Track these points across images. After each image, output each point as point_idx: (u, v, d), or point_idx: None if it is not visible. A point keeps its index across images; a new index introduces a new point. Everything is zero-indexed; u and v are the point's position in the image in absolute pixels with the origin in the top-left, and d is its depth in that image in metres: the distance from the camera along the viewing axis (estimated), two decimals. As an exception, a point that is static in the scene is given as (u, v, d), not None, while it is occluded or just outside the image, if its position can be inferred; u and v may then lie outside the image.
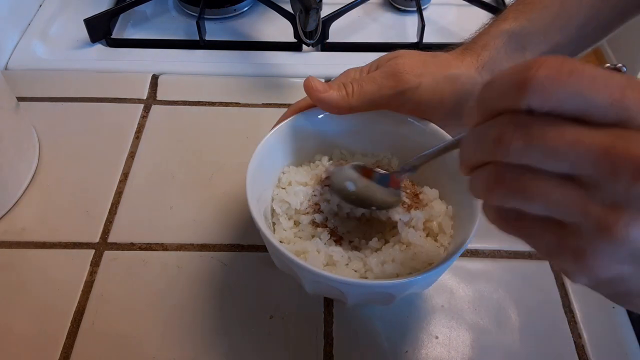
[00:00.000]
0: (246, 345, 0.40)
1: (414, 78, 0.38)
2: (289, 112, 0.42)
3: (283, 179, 0.41)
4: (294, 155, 0.42)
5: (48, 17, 0.67)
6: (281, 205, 0.40)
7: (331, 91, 0.39)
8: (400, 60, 0.39)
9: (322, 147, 0.43)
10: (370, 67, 0.41)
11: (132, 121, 0.55)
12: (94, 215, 0.47)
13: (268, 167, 0.40)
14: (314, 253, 0.36)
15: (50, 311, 0.42)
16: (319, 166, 0.42)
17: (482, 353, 0.40)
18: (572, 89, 0.20)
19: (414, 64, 0.39)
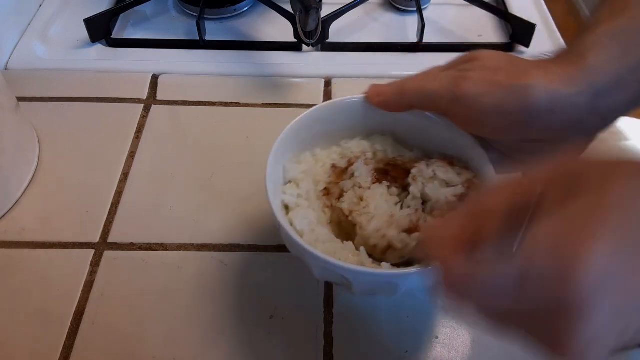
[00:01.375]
0: (246, 345, 0.40)
1: (474, 86, 0.35)
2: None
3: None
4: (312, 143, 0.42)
5: (48, 17, 0.67)
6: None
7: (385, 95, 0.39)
8: (471, 66, 0.36)
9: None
10: (448, 64, 0.38)
11: (132, 121, 0.55)
12: (94, 215, 0.47)
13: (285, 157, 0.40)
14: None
15: (50, 311, 0.42)
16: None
17: (482, 353, 0.40)
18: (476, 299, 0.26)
19: (484, 71, 0.35)
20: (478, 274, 0.24)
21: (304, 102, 0.58)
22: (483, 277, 0.24)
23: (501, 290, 0.24)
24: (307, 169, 0.41)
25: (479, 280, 0.24)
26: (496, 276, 0.24)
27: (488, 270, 0.24)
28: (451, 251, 0.26)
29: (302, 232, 0.37)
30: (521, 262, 0.23)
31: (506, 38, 0.66)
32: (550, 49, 0.64)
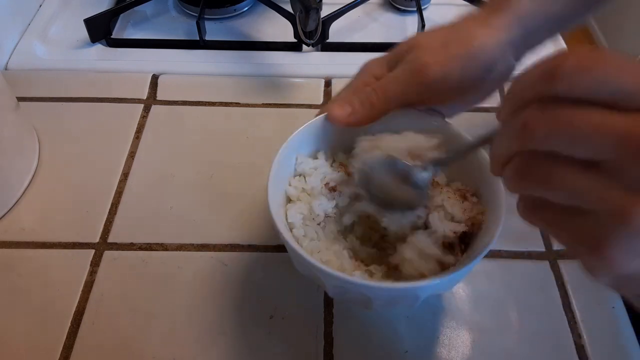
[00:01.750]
0: (246, 345, 0.40)
1: (438, 70, 0.36)
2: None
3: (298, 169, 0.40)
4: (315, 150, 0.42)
5: (48, 17, 0.67)
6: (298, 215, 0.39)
7: (355, 114, 0.38)
8: (420, 52, 0.37)
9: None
10: (390, 59, 0.39)
11: (132, 121, 0.55)
12: (94, 215, 0.47)
13: (286, 169, 0.40)
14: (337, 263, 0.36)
15: (50, 311, 0.42)
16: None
17: (482, 353, 0.40)
18: (599, 76, 0.21)
19: (435, 51, 0.36)
20: (608, 53, 0.21)
21: (304, 102, 0.58)
22: (614, 56, 0.21)
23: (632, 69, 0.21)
24: (319, 165, 0.40)
25: (611, 57, 0.21)
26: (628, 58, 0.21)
27: (620, 55, 0.21)
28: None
29: (293, 224, 0.37)
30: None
31: (506, 38, 0.66)
32: (550, 49, 0.64)
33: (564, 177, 0.22)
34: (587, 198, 0.22)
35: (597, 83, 0.21)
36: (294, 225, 0.37)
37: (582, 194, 0.22)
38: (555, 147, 0.22)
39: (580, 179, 0.21)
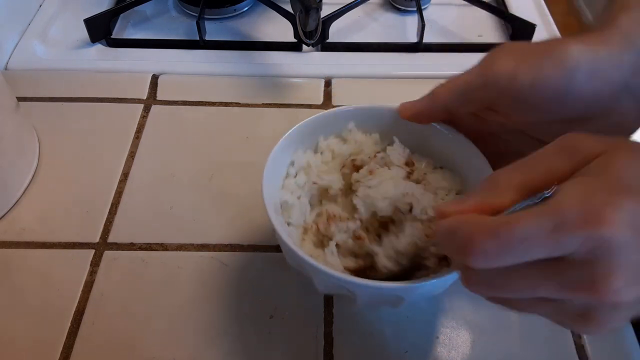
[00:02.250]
0: (246, 345, 0.40)
1: (505, 64, 0.32)
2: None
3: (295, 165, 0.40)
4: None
5: (48, 17, 0.67)
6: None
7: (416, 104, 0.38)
8: (495, 51, 0.33)
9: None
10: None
11: (132, 121, 0.55)
12: (94, 215, 0.47)
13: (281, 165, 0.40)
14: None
15: (50, 311, 0.42)
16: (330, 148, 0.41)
17: (482, 353, 0.40)
18: (510, 255, 0.24)
19: (510, 51, 0.33)
20: (513, 224, 0.24)
21: (304, 102, 0.58)
22: (518, 227, 0.24)
23: (537, 240, 0.23)
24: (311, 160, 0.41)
25: (515, 230, 0.24)
26: (532, 224, 0.23)
27: (523, 220, 0.24)
28: (476, 217, 0.26)
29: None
30: (554, 211, 0.23)
31: (506, 38, 0.66)
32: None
33: (523, 283, 0.25)
34: (554, 295, 0.25)
35: (512, 258, 0.24)
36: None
37: (548, 291, 0.25)
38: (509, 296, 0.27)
39: (539, 279, 0.25)
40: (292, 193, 0.39)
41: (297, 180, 0.40)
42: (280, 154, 0.39)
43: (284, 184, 0.40)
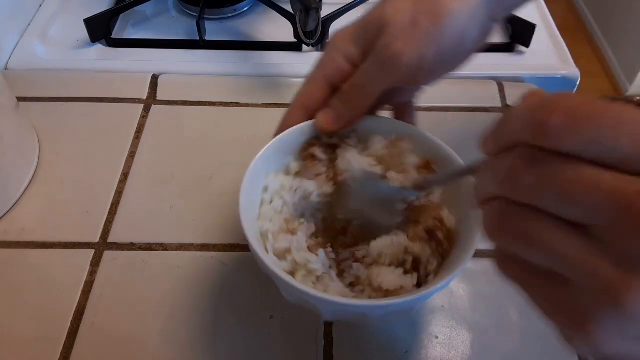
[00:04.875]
0: (246, 345, 0.40)
1: (411, 56, 0.34)
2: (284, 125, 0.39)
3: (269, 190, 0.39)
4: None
5: (48, 17, 0.67)
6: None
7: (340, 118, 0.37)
8: (389, 37, 0.34)
9: None
10: (358, 35, 0.37)
11: (132, 121, 0.55)
12: (94, 215, 0.47)
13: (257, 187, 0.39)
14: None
15: (50, 311, 0.42)
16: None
17: (482, 353, 0.40)
18: (592, 134, 0.18)
19: (404, 33, 0.34)
20: (609, 105, 0.18)
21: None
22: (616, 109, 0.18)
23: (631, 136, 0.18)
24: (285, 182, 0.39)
25: (611, 110, 0.18)
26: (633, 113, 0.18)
27: (621, 107, 0.18)
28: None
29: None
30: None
31: (506, 38, 0.66)
32: (550, 49, 0.64)
33: (546, 237, 0.19)
34: (571, 266, 0.19)
35: (589, 142, 0.18)
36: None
37: (566, 260, 0.19)
38: (540, 203, 0.19)
39: (565, 243, 0.19)
40: (270, 221, 0.37)
41: (273, 205, 0.38)
42: (251, 183, 0.37)
43: (260, 212, 0.38)
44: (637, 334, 0.18)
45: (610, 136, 0.18)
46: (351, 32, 0.37)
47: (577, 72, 0.62)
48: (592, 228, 0.18)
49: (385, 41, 0.35)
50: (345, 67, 0.37)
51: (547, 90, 0.61)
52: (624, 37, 1.98)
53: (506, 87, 0.59)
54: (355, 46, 0.37)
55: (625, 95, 0.28)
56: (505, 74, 0.61)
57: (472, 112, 0.57)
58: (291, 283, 0.32)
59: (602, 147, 0.18)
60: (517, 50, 0.64)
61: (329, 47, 0.38)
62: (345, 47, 0.37)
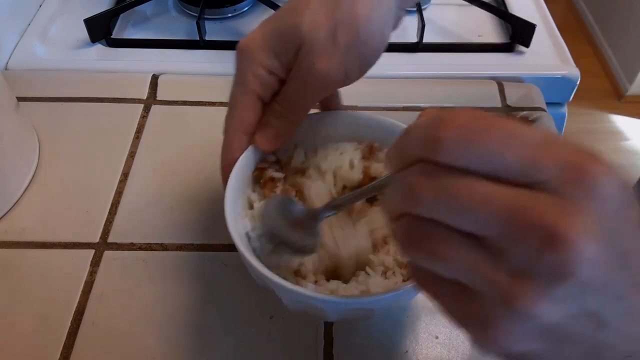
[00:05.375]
0: (246, 345, 0.40)
1: (337, 73, 0.35)
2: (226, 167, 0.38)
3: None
4: None
5: (48, 17, 0.67)
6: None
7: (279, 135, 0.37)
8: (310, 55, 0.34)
9: None
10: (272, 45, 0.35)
11: (132, 121, 0.55)
12: (94, 215, 0.47)
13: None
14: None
15: (50, 311, 0.42)
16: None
17: (482, 353, 0.40)
18: (480, 151, 0.20)
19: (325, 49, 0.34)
20: (500, 120, 0.20)
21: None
22: (505, 124, 0.20)
23: (519, 146, 0.19)
24: None
25: (501, 124, 0.20)
26: (524, 129, 0.20)
27: (512, 122, 0.20)
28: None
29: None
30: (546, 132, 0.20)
31: (506, 38, 0.66)
32: (550, 49, 0.64)
33: (447, 251, 0.21)
34: (471, 276, 0.20)
35: (479, 157, 0.20)
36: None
37: (466, 271, 0.20)
38: (439, 217, 0.20)
39: (464, 255, 0.20)
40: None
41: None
42: (234, 192, 0.37)
43: (246, 213, 0.38)
44: (535, 332, 0.20)
45: (497, 150, 0.19)
46: (266, 43, 0.35)
47: (577, 72, 0.62)
48: (487, 240, 0.20)
49: (310, 60, 0.34)
50: (270, 81, 0.36)
51: (548, 90, 0.61)
52: (624, 37, 1.98)
53: (506, 87, 0.59)
54: (274, 59, 0.35)
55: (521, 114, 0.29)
56: (505, 74, 0.61)
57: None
58: (294, 289, 0.32)
59: (492, 161, 0.20)
60: (517, 50, 0.64)
61: (246, 60, 0.36)
62: (264, 60, 0.35)
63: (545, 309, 0.19)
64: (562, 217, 0.18)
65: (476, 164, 0.20)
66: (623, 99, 1.96)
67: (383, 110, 0.57)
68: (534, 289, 0.19)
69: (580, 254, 0.18)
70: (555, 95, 0.62)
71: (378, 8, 0.35)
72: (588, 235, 0.18)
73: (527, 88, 0.60)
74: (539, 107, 0.58)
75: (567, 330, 0.20)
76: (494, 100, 0.58)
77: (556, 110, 0.64)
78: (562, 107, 0.65)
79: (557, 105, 0.64)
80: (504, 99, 0.58)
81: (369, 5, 0.34)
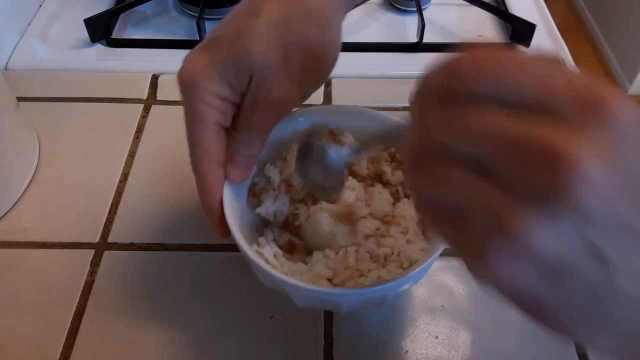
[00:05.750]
0: (246, 345, 0.40)
1: (297, 95, 0.35)
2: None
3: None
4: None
5: (48, 17, 0.67)
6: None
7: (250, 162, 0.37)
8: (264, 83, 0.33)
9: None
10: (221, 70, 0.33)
11: (132, 121, 0.55)
12: (94, 215, 0.47)
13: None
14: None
15: (50, 311, 0.42)
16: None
17: (482, 353, 0.40)
18: (496, 77, 0.20)
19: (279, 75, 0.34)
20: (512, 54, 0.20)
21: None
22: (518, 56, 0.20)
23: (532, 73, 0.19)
24: None
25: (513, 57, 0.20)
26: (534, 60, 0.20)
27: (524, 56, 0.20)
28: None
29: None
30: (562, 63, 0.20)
31: (506, 38, 0.66)
32: (550, 49, 0.64)
33: (453, 177, 0.20)
34: (472, 202, 0.20)
35: (494, 84, 0.20)
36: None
37: (469, 196, 0.20)
38: (447, 141, 0.21)
39: (469, 182, 0.20)
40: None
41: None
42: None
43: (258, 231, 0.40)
44: (531, 263, 0.19)
45: (512, 79, 0.19)
46: (215, 73, 0.33)
47: (577, 72, 0.62)
48: (493, 169, 0.19)
49: (266, 89, 0.34)
50: (226, 106, 0.34)
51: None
52: (624, 37, 1.98)
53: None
54: (225, 86, 0.34)
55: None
56: (505, 74, 0.61)
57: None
58: (264, 267, 0.33)
59: (506, 90, 0.19)
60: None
61: (195, 92, 0.34)
62: (216, 88, 0.34)
63: (540, 235, 0.18)
64: (568, 139, 0.18)
65: (491, 92, 0.20)
66: (623, 99, 1.96)
67: (383, 110, 0.57)
68: (529, 210, 0.18)
69: (580, 174, 0.17)
70: (555, 95, 0.62)
71: (328, 23, 0.35)
72: (593, 159, 0.17)
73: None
74: (539, 107, 0.58)
75: (568, 265, 0.19)
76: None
77: (556, 110, 0.64)
78: (562, 107, 0.65)
79: (557, 105, 0.64)
80: (504, 99, 0.58)
81: (319, 23, 0.34)
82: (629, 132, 0.18)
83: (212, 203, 0.36)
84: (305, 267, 0.37)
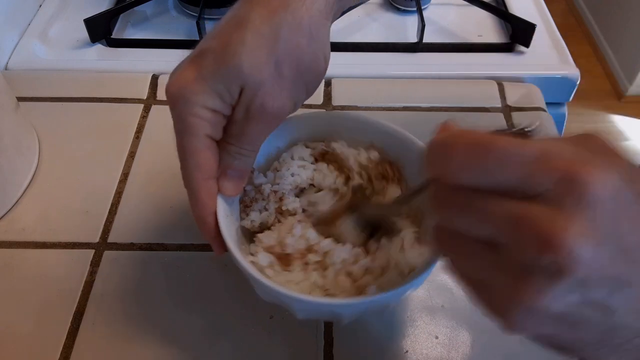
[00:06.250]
0: (246, 345, 0.40)
1: (290, 106, 0.35)
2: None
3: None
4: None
5: (48, 17, 0.67)
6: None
7: (243, 176, 0.37)
8: (258, 95, 0.33)
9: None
10: (212, 84, 0.34)
11: (132, 121, 0.55)
12: (94, 215, 0.47)
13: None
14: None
15: (50, 311, 0.42)
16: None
17: (482, 353, 0.40)
18: (484, 172, 0.23)
19: (272, 86, 0.33)
20: (499, 141, 0.22)
21: (304, 102, 0.57)
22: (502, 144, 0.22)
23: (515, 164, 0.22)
24: None
25: (499, 145, 0.22)
26: (516, 147, 0.22)
27: (508, 141, 0.22)
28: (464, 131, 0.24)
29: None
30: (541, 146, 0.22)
31: (506, 38, 0.66)
32: (550, 49, 0.64)
33: (466, 250, 0.24)
34: (496, 277, 0.24)
35: (483, 177, 0.23)
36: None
37: (483, 270, 0.24)
38: (461, 227, 0.24)
39: (481, 256, 0.24)
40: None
41: None
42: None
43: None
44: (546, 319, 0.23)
45: (498, 171, 0.22)
46: (205, 86, 0.34)
47: (577, 72, 0.62)
48: (498, 245, 0.23)
49: (258, 102, 0.34)
50: (217, 118, 0.35)
51: (548, 90, 0.61)
52: (624, 37, 1.98)
53: (506, 87, 0.59)
54: (216, 99, 0.34)
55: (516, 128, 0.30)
56: (505, 74, 0.61)
57: (472, 112, 0.57)
58: (263, 281, 0.33)
59: (494, 181, 0.23)
60: (517, 50, 0.64)
61: (184, 105, 0.35)
62: (206, 101, 0.34)
63: (549, 302, 0.22)
64: (558, 224, 0.21)
65: (482, 183, 0.23)
66: (623, 99, 1.96)
67: (383, 110, 0.57)
68: (537, 286, 0.22)
69: (574, 255, 0.21)
70: (555, 95, 0.62)
71: (317, 32, 0.34)
72: (581, 238, 0.21)
73: (527, 88, 0.60)
74: (539, 107, 0.58)
75: (576, 316, 0.23)
76: (494, 100, 0.58)
77: (556, 110, 0.64)
78: (562, 107, 0.65)
79: (557, 105, 0.64)
80: (504, 99, 0.58)
81: (308, 33, 0.34)
82: (608, 199, 0.21)
83: (205, 217, 0.35)
84: (301, 276, 0.36)
